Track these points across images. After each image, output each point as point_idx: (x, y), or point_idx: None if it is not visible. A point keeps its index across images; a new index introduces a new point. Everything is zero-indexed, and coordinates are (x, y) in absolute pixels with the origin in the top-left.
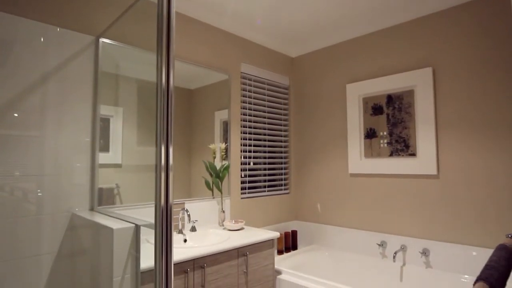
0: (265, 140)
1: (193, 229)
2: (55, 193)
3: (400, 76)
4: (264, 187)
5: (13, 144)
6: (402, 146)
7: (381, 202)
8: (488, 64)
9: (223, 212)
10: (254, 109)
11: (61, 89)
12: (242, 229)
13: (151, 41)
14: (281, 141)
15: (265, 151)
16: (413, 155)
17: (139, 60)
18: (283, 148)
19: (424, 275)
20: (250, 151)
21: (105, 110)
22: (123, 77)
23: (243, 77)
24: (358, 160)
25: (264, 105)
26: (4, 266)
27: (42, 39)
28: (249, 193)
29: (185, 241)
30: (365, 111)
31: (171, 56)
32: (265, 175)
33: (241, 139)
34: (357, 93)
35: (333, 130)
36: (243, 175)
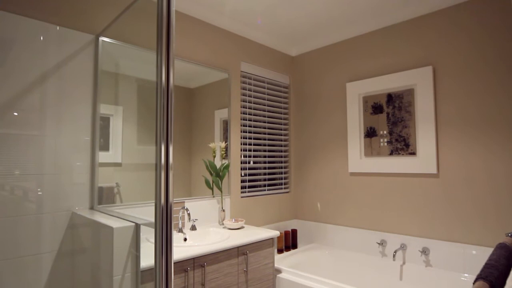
0: (265, 139)
1: (193, 228)
2: (55, 192)
3: (400, 75)
4: (264, 186)
5: (13, 143)
6: (402, 145)
7: (381, 201)
8: (488, 62)
9: (223, 211)
10: (254, 108)
11: (61, 88)
12: (242, 228)
13: (151, 40)
14: (281, 140)
15: (265, 150)
16: (413, 154)
17: (139, 58)
18: (283, 147)
19: (424, 273)
20: (250, 150)
21: (105, 109)
22: (123, 75)
23: (243, 76)
24: (358, 159)
25: (264, 104)
26: (4, 265)
27: (42, 37)
28: (249, 192)
29: (185, 240)
30: (365, 110)
31: (171, 54)
32: (265, 174)
33: (241, 138)
34: (357, 92)
35: (333, 129)
36: (243, 174)
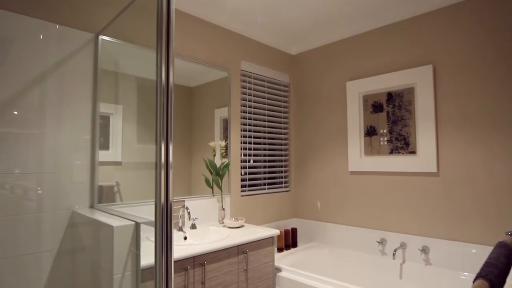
0: (265, 137)
1: (193, 226)
2: (55, 191)
3: (400, 74)
4: (264, 184)
5: (13, 142)
6: (402, 143)
7: (381, 200)
8: (488, 61)
9: (223, 209)
10: (254, 107)
11: (60, 86)
12: (242, 226)
13: (150, 39)
14: (281, 138)
15: (265, 149)
16: (413, 152)
17: (138, 57)
18: (283, 146)
19: (424, 272)
20: (250, 149)
21: (105, 108)
22: (122, 74)
23: (243, 75)
24: (358, 158)
25: (264, 103)
26: (4, 264)
27: (41, 36)
28: (249, 190)
29: (185, 238)
30: (365, 109)
31: (170, 53)
32: (265, 172)
33: (241, 136)
34: (357, 91)
35: (333, 128)
36: (243, 173)
